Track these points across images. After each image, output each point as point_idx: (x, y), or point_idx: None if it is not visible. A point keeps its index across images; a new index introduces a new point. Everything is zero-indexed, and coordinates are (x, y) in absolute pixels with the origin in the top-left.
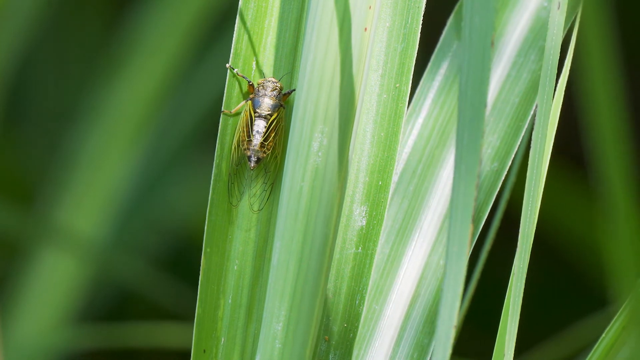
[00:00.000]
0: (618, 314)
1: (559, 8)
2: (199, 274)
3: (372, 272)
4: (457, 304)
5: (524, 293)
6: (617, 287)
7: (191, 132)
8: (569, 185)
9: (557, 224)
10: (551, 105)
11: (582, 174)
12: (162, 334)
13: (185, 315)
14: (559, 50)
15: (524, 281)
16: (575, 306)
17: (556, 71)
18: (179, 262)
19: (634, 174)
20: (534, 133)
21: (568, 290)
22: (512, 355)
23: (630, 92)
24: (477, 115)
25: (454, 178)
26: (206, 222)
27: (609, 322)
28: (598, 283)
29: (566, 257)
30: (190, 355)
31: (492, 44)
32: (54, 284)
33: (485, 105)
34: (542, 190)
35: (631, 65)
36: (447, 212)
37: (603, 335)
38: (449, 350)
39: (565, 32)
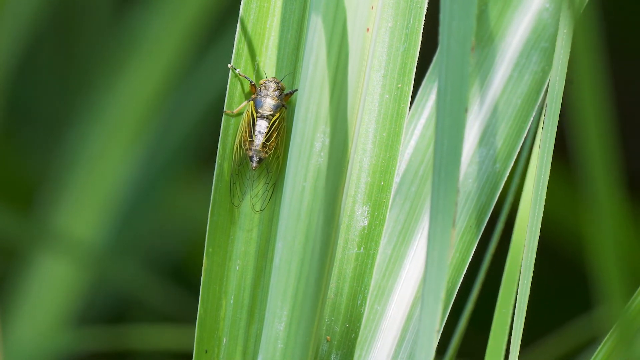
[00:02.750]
0: (605, 339)
1: (568, 8)
2: (200, 277)
3: (374, 273)
4: (440, 308)
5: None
6: (602, 287)
7: (192, 132)
8: (552, 176)
9: (548, 219)
10: (560, 104)
11: (565, 164)
12: (163, 337)
13: (186, 318)
14: (569, 50)
15: (530, 281)
16: (570, 304)
17: (566, 70)
18: (180, 264)
19: (618, 165)
20: (543, 132)
21: (560, 288)
22: (517, 355)
23: (614, 83)
24: (456, 123)
25: (433, 183)
26: (208, 223)
27: (594, 326)
28: (586, 280)
29: (557, 252)
30: (191, 357)
31: (472, 49)
32: (53, 287)
33: (465, 112)
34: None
35: (615, 56)
36: None
37: (596, 352)
38: (432, 355)
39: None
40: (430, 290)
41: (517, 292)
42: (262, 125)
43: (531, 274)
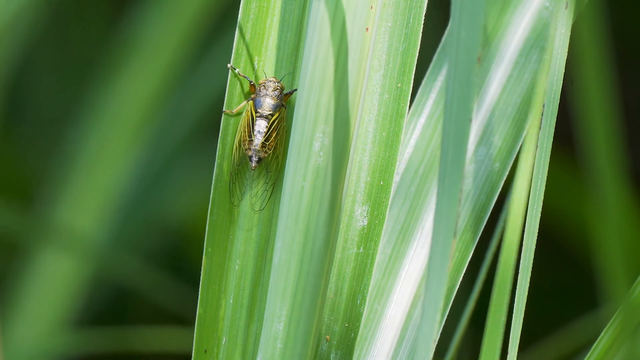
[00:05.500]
0: (610, 321)
1: (566, 7)
2: (199, 274)
3: (374, 272)
4: (438, 317)
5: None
6: (608, 283)
7: (192, 132)
8: (557, 167)
9: (556, 214)
10: (557, 105)
11: (571, 154)
12: (162, 336)
13: (185, 316)
14: (567, 50)
15: (528, 279)
16: (575, 303)
17: (564, 70)
18: (180, 262)
19: (624, 157)
20: (540, 132)
21: (564, 286)
22: (516, 355)
23: (618, 77)
24: (461, 132)
25: (438, 193)
26: (207, 222)
27: (601, 323)
28: (592, 277)
29: (562, 248)
30: (191, 356)
31: (479, 60)
32: (53, 284)
33: (470, 121)
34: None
35: (620, 50)
36: None
37: (597, 341)
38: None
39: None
40: (430, 300)
41: (513, 291)
42: (261, 125)
43: (529, 273)
